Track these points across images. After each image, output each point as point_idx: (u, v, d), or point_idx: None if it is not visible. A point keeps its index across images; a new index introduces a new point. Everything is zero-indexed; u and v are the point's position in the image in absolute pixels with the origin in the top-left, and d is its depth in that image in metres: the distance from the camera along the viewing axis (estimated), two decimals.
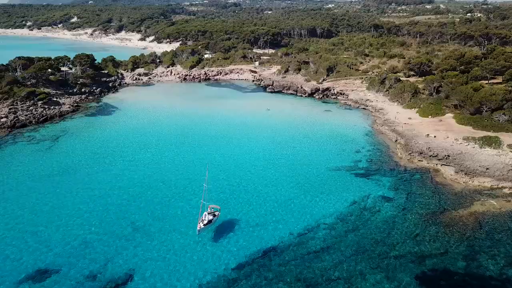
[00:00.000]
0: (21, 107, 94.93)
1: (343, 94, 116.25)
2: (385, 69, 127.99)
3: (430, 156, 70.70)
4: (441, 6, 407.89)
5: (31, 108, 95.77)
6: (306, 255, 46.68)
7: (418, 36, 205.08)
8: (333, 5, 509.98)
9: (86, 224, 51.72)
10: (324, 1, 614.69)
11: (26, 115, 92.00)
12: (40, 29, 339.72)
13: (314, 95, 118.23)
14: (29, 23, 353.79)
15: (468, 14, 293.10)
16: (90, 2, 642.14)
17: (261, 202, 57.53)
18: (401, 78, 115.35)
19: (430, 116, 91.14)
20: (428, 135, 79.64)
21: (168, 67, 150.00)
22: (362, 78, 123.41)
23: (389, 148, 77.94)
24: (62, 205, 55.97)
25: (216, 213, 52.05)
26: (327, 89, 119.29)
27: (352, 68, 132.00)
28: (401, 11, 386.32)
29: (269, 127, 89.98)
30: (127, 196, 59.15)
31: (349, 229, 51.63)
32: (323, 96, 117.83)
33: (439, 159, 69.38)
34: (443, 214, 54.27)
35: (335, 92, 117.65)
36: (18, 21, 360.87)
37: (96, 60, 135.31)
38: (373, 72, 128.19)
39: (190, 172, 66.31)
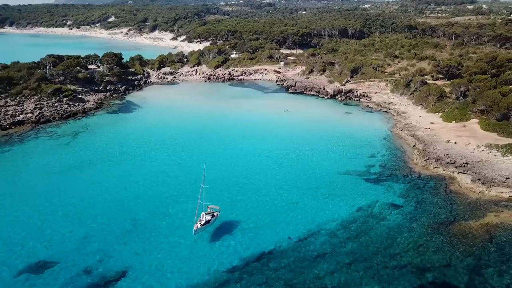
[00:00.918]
0: (47, 103, 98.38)
1: (366, 96, 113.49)
2: (413, 71, 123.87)
3: (447, 163, 67.65)
4: (484, 6, 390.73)
5: (56, 104, 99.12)
6: (302, 261, 45.64)
7: (453, 37, 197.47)
8: (369, 5, 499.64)
9: (90, 218, 52.82)
10: (361, 1, 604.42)
11: (50, 111, 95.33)
12: (79, 28, 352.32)
13: (336, 97, 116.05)
14: (69, 22, 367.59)
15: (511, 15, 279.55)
16: (129, 2, 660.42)
17: (263, 204, 56.85)
18: (428, 81, 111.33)
19: (454, 121, 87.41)
20: (448, 141, 76.32)
21: (193, 66, 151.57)
22: (387, 80, 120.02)
23: (405, 153, 75.23)
24: (69, 199, 57.40)
25: (215, 213, 51.83)
26: (350, 91, 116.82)
27: (378, 70, 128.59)
28: (440, 12, 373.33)
29: (284, 128, 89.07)
30: (134, 192, 59.98)
31: (350, 236, 50.12)
32: (345, 98, 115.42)
33: (456, 167, 66.24)
34: (452, 225, 51.71)
35: (358, 94, 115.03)
36: (59, 20, 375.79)
37: (123, 58, 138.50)
38: (399, 75, 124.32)
39: (199, 171, 66.05)
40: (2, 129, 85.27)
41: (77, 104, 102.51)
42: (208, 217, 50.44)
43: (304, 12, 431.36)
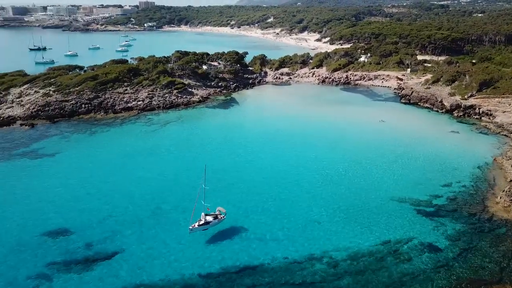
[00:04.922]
0: (158, 93, 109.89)
1: (490, 115, 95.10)
2: None
3: None
4: None
5: (166, 95, 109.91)
6: (281, 285, 41.80)
7: None
8: None
9: (122, 200, 57.23)
10: None
11: (158, 101, 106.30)
12: (240, 27, 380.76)
13: (452, 112, 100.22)
14: (232, 22, 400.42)
15: None
16: (298, 3, 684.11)
17: (281, 218, 53.36)
18: None
19: None
20: None
21: (313, 68, 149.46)
22: None
23: (493, 188, 61.11)
24: (118, 181, 63.13)
25: (220, 216, 50.92)
26: (471, 106, 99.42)
27: None
28: None
29: (364, 139, 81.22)
30: (177, 184, 62.41)
31: (351, 271, 43.59)
32: (463, 114, 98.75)
33: None
34: (489, 286, 40.29)
35: (480, 112, 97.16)
36: (225, 20, 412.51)
37: (244, 57, 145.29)
38: None
39: (248, 175, 65.82)
40: (114, 112, 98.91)
41: (184, 96, 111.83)
42: (209, 218, 49.91)
43: (480, 15, 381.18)
